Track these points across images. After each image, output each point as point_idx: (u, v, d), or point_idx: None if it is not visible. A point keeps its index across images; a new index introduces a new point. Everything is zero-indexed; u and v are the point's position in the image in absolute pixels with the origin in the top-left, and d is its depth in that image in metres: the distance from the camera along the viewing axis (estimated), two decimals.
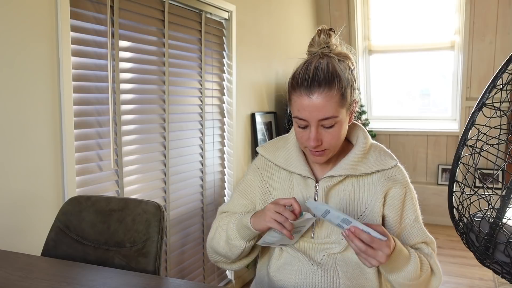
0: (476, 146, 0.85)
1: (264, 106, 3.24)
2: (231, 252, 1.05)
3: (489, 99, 0.82)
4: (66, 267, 1.06)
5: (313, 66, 0.97)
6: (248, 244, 1.03)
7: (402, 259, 0.97)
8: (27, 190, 1.49)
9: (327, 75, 0.95)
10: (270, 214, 0.93)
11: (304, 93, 0.96)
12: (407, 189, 1.08)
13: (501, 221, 0.81)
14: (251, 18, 2.97)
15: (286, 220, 0.91)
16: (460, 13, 3.98)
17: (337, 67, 0.98)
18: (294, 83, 0.99)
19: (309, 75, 0.96)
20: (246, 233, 1.01)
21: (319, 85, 0.95)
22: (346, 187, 1.06)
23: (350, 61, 1.03)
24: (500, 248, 0.83)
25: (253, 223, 0.98)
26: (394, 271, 0.98)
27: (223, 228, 1.08)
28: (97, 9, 1.76)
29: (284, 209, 0.93)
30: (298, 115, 0.98)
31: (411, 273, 0.98)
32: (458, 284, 2.89)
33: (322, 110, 0.95)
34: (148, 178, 2.09)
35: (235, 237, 1.03)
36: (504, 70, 0.80)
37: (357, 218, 1.06)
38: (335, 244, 1.05)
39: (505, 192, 0.79)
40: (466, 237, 0.91)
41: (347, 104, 0.99)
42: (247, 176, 1.18)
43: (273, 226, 0.93)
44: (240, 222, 1.02)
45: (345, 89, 0.97)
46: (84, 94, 1.72)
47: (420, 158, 4.40)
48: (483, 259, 0.88)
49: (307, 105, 0.95)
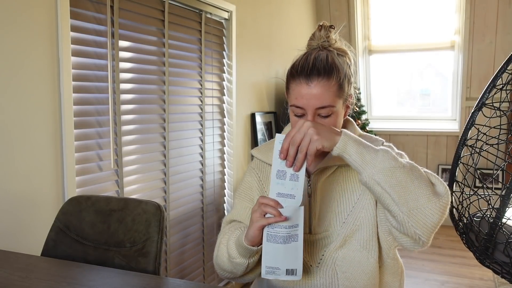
0: (476, 146, 0.85)
1: (264, 106, 3.24)
2: (236, 270, 1.02)
3: (489, 99, 0.82)
4: (66, 267, 1.06)
5: (313, 56, 0.99)
6: (251, 260, 0.99)
7: (364, 144, 0.89)
8: (27, 190, 1.49)
9: (326, 65, 0.97)
10: (254, 216, 0.90)
11: (303, 81, 0.97)
12: (392, 149, 1.06)
13: (500, 221, 0.81)
14: (251, 18, 2.97)
15: (267, 205, 0.88)
16: (460, 13, 3.98)
17: (335, 59, 1.00)
18: (293, 72, 1.00)
19: (308, 64, 0.97)
20: (245, 251, 0.97)
21: (318, 74, 0.96)
22: (337, 178, 1.07)
23: (348, 57, 1.06)
24: (499, 248, 0.83)
25: (245, 237, 0.95)
26: (365, 160, 0.88)
27: (224, 245, 1.06)
28: (97, 9, 1.76)
29: (261, 201, 0.90)
30: (295, 103, 0.99)
31: (385, 156, 0.87)
32: (458, 284, 2.89)
33: (320, 98, 0.96)
34: (148, 178, 2.09)
35: (236, 256, 0.99)
36: (504, 70, 0.80)
37: (350, 209, 1.05)
38: (333, 238, 1.05)
39: (505, 192, 0.79)
40: (466, 237, 0.91)
41: (344, 96, 1.01)
42: (245, 179, 1.19)
43: (261, 223, 0.89)
44: (238, 240, 0.99)
45: (343, 81, 0.99)
46: (84, 94, 1.72)
47: (420, 158, 4.40)
48: (483, 259, 0.88)
49: (305, 93, 0.97)
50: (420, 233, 0.87)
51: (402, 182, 0.86)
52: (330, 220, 1.05)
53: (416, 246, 0.93)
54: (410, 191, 0.86)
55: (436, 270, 3.14)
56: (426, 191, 0.86)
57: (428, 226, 0.86)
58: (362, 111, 3.85)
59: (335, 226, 1.05)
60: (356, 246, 1.03)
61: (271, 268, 0.90)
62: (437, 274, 3.08)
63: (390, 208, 0.88)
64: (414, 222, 0.86)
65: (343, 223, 1.04)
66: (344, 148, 0.88)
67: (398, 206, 0.86)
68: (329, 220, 1.05)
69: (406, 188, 0.86)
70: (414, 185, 0.86)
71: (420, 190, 0.86)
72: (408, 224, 0.87)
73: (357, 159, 0.88)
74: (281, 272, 0.90)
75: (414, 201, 0.85)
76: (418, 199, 0.85)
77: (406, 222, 0.87)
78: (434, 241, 3.75)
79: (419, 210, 0.85)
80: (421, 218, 0.86)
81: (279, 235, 0.90)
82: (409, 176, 0.86)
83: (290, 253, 0.90)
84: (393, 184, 0.86)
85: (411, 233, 0.89)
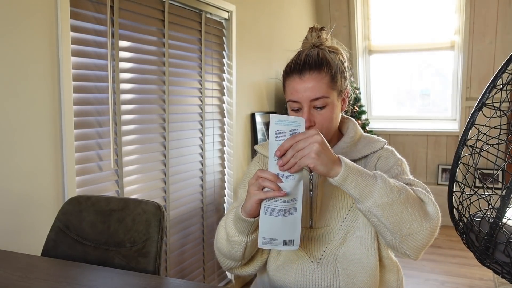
0: (476, 146, 0.85)
1: (264, 106, 3.24)
2: (234, 251, 1.01)
3: (489, 99, 0.82)
4: (66, 267, 1.06)
5: (304, 54, 1.05)
6: (249, 238, 0.98)
7: (363, 175, 0.89)
8: (27, 190, 1.49)
9: (317, 59, 1.03)
10: (251, 189, 0.89)
11: (296, 76, 1.03)
12: (394, 156, 1.09)
13: (501, 221, 0.81)
14: (251, 18, 2.97)
15: (265, 179, 0.86)
16: (460, 13, 3.98)
17: (327, 55, 1.05)
18: (287, 70, 1.06)
19: (300, 61, 1.03)
20: (243, 225, 0.96)
21: (309, 68, 1.02)
22: None
23: (340, 54, 1.10)
24: (500, 248, 0.83)
25: (243, 209, 0.94)
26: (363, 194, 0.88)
27: (223, 226, 1.06)
28: (97, 9, 1.76)
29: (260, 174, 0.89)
30: (291, 98, 1.04)
31: (382, 190, 0.88)
32: (458, 284, 2.89)
33: (313, 90, 1.01)
34: (148, 178, 2.09)
35: (234, 233, 0.99)
36: (504, 70, 0.80)
37: (351, 205, 1.06)
38: (334, 234, 1.05)
39: (505, 192, 0.79)
40: (466, 237, 0.91)
41: (337, 88, 1.05)
42: (249, 169, 1.21)
43: (259, 196, 0.87)
44: (235, 215, 0.98)
45: (335, 73, 1.04)
46: (84, 94, 1.72)
47: (420, 158, 4.40)
48: (483, 259, 0.88)
49: (299, 87, 1.02)
50: (410, 253, 0.93)
51: (397, 214, 0.88)
52: (331, 215, 1.06)
53: (405, 258, 0.98)
54: (405, 220, 0.89)
55: (436, 270, 3.14)
56: (418, 217, 0.90)
57: (418, 248, 0.92)
58: (362, 111, 3.84)
59: (336, 221, 1.06)
60: (356, 244, 1.04)
61: (268, 239, 0.90)
62: (437, 274, 3.08)
63: (384, 235, 0.92)
64: (405, 246, 0.91)
65: (344, 218, 1.05)
66: (342, 183, 0.88)
67: (392, 234, 0.90)
68: (330, 215, 1.06)
69: (401, 218, 0.89)
70: (408, 213, 0.89)
71: (412, 217, 0.89)
72: (399, 247, 0.92)
73: (355, 193, 0.89)
74: (278, 243, 0.91)
75: (407, 229, 0.89)
76: (411, 226, 0.89)
77: (398, 246, 0.92)
78: (434, 241, 3.75)
79: (411, 236, 0.90)
80: (412, 242, 0.91)
81: (277, 209, 0.88)
82: (405, 206, 0.89)
83: (288, 225, 0.90)
84: (389, 216, 0.88)
85: (402, 253, 0.94)
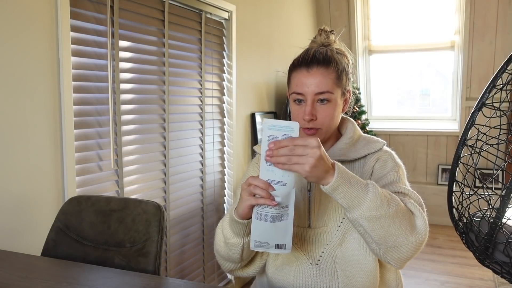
0: (476, 146, 0.85)
1: (264, 106, 3.24)
2: (232, 253, 1.03)
3: (489, 99, 0.82)
4: (66, 267, 1.06)
5: (313, 50, 1.06)
6: (245, 240, 0.99)
7: (355, 185, 0.88)
8: (27, 190, 1.49)
9: (326, 56, 1.04)
10: (243, 194, 0.90)
11: (304, 69, 1.04)
12: (392, 161, 1.08)
13: (500, 221, 0.81)
14: (251, 18, 2.97)
15: (256, 187, 0.87)
16: (460, 13, 3.98)
17: (335, 55, 1.07)
18: (295, 63, 1.07)
19: (309, 56, 1.05)
20: (237, 227, 0.97)
21: (317, 63, 1.03)
22: None
23: (346, 58, 1.11)
24: (499, 248, 0.83)
25: (236, 211, 0.95)
26: (351, 205, 0.88)
27: (220, 229, 1.07)
28: (97, 9, 1.76)
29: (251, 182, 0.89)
30: (296, 89, 1.05)
31: (372, 203, 0.87)
32: (458, 284, 2.90)
33: (319, 84, 1.02)
34: (148, 178, 2.09)
35: (231, 236, 1.00)
36: (504, 70, 0.80)
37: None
38: (332, 234, 1.05)
39: (505, 192, 0.79)
40: (466, 237, 0.91)
41: (342, 87, 1.06)
42: (249, 170, 1.22)
43: (250, 202, 0.88)
44: (230, 217, 0.99)
45: (341, 72, 1.05)
46: (84, 94, 1.72)
47: (420, 158, 4.40)
48: (482, 259, 0.88)
49: (305, 80, 1.03)
50: (394, 263, 0.94)
51: (384, 227, 0.88)
52: (329, 215, 1.06)
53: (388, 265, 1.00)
54: (391, 234, 0.89)
55: (436, 270, 3.14)
56: (405, 231, 0.89)
57: (402, 260, 0.92)
58: (362, 111, 3.84)
59: (335, 221, 1.06)
60: (354, 245, 1.04)
61: (260, 242, 0.91)
62: (437, 274, 3.08)
63: (369, 244, 0.93)
64: (389, 257, 0.92)
65: (342, 219, 1.06)
66: (331, 192, 0.87)
67: (377, 245, 0.91)
68: (329, 215, 1.07)
69: (387, 232, 0.89)
70: (396, 227, 0.89)
71: (399, 231, 0.89)
72: (383, 257, 0.93)
73: (343, 202, 0.89)
74: (270, 246, 0.92)
75: (393, 242, 0.90)
76: (397, 239, 0.89)
77: (382, 256, 0.93)
78: (434, 241, 3.75)
79: (396, 248, 0.90)
80: (396, 254, 0.91)
81: (268, 215, 0.88)
82: (392, 220, 0.88)
83: (280, 230, 0.90)
84: (375, 228, 0.88)
85: (385, 262, 0.97)
